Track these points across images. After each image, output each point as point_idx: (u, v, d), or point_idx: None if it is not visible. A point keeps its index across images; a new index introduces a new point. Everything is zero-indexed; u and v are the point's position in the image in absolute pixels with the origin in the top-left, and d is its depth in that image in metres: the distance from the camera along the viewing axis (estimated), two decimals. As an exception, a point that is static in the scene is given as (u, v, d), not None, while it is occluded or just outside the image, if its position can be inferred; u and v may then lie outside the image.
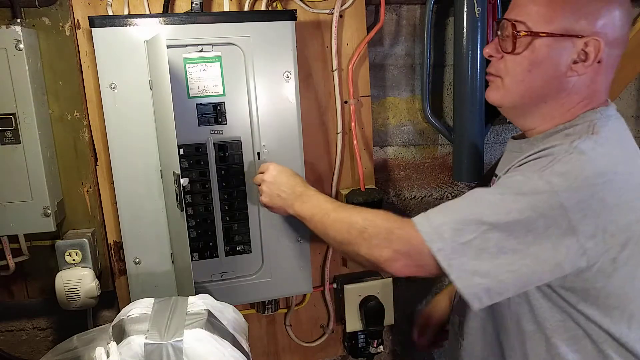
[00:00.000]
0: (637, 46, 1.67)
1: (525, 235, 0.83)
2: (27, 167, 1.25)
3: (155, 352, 0.90)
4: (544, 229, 0.82)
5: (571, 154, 0.86)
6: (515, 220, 0.83)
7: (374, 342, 1.59)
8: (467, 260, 0.84)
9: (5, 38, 1.19)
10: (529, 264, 0.84)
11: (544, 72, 0.94)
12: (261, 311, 1.49)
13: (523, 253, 0.83)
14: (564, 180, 0.83)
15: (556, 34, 0.91)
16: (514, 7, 0.96)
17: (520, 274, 0.84)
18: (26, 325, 1.54)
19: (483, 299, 0.85)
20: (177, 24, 1.21)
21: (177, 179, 1.10)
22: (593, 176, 0.83)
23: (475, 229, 0.84)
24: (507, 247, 0.83)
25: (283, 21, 1.27)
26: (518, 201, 0.84)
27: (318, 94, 1.47)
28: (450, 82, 1.65)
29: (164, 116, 1.14)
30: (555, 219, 0.82)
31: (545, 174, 0.84)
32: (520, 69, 0.95)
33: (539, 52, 0.93)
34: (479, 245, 0.84)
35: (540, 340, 0.96)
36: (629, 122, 1.79)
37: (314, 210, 1.07)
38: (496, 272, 0.84)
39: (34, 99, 1.23)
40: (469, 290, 0.85)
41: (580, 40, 0.90)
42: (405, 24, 1.59)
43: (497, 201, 0.86)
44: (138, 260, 1.29)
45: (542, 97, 0.96)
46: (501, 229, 0.83)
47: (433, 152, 1.69)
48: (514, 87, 0.97)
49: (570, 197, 0.82)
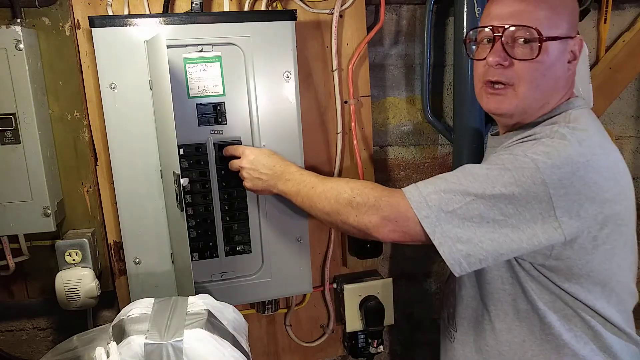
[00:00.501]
0: (637, 46, 1.67)
1: (507, 207, 0.88)
2: (27, 167, 1.25)
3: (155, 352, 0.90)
4: (526, 202, 0.88)
5: (553, 138, 0.92)
6: (500, 193, 0.88)
7: (374, 342, 1.59)
8: (451, 227, 0.90)
9: (5, 38, 1.19)
10: (508, 234, 0.89)
11: (554, 75, 0.98)
12: (261, 311, 1.49)
13: (504, 223, 0.89)
14: (547, 158, 0.88)
15: (562, 37, 0.96)
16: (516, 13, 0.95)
17: (499, 242, 0.89)
18: (26, 325, 1.55)
19: (463, 264, 0.90)
20: (177, 24, 1.21)
21: (177, 179, 1.10)
22: (575, 155, 0.89)
23: (462, 199, 0.90)
24: (489, 217, 0.89)
25: (283, 21, 1.27)
26: (503, 175, 0.89)
27: (318, 94, 1.47)
28: (450, 82, 1.65)
29: (164, 116, 1.14)
30: (537, 194, 0.88)
31: (529, 152, 0.90)
32: (537, 74, 0.96)
33: (551, 56, 0.96)
34: (463, 215, 0.89)
35: (535, 320, 1.01)
36: (629, 122, 1.80)
37: (299, 186, 1.10)
38: (477, 239, 0.89)
39: (34, 99, 1.23)
40: (451, 256, 0.90)
41: (573, 41, 0.97)
42: (405, 24, 1.59)
43: (483, 174, 0.91)
44: (138, 260, 1.29)
45: (549, 98, 1.00)
46: (485, 200, 0.89)
47: (433, 152, 1.69)
48: (530, 93, 0.98)
49: (552, 174, 0.87)
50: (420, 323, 1.81)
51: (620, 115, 1.79)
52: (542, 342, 1.01)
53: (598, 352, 0.99)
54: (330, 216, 1.03)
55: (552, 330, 0.99)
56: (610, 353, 0.99)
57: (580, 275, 0.95)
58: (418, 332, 1.81)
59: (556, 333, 0.99)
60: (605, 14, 1.65)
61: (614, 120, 1.79)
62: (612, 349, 0.99)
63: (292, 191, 1.11)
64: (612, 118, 1.79)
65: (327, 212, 1.04)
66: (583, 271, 0.94)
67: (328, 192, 1.04)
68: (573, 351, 0.99)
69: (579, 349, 0.99)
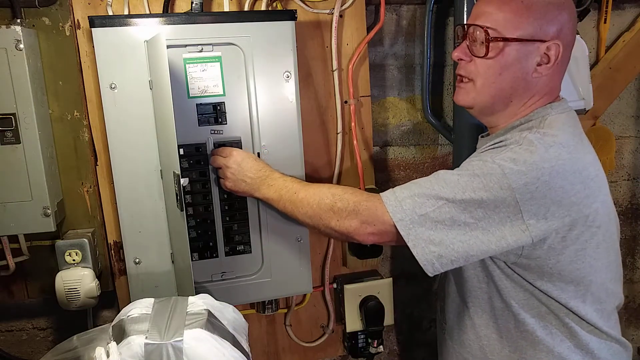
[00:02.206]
0: (637, 46, 1.67)
1: (476, 210, 0.93)
2: (27, 167, 1.25)
3: (155, 352, 0.90)
4: (494, 206, 0.93)
5: (521, 145, 0.96)
6: (470, 197, 0.93)
7: (374, 342, 1.59)
8: (424, 230, 0.94)
9: (5, 38, 1.19)
10: (478, 236, 0.94)
11: (513, 75, 1.01)
12: (261, 311, 1.49)
13: (474, 226, 0.93)
14: (513, 164, 0.93)
15: (523, 39, 0.99)
16: (480, 14, 1.02)
17: (469, 244, 0.94)
18: (26, 325, 1.55)
19: (435, 265, 0.95)
20: (177, 24, 1.21)
21: (177, 179, 1.10)
22: (540, 161, 0.93)
23: (434, 203, 0.95)
24: (460, 220, 0.93)
25: (283, 21, 1.27)
26: (473, 181, 0.94)
27: (318, 94, 1.47)
28: (450, 82, 1.65)
29: (164, 116, 1.14)
30: (504, 199, 0.92)
31: (497, 158, 0.95)
32: (492, 72, 1.02)
33: (508, 56, 1.00)
34: (435, 218, 0.94)
35: (510, 317, 1.05)
36: (629, 122, 1.80)
37: (281, 192, 1.13)
38: (449, 241, 0.94)
39: (34, 99, 1.23)
40: (423, 257, 0.95)
41: (544, 45, 0.99)
42: (405, 24, 1.59)
43: (455, 180, 0.96)
44: (138, 260, 1.29)
45: (510, 97, 1.04)
46: (456, 204, 0.93)
47: (433, 152, 1.69)
48: (486, 89, 1.04)
49: (518, 179, 0.92)
50: (420, 323, 1.81)
51: (620, 115, 1.79)
52: (518, 339, 1.06)
53: (574, 350, 1.03)
54: (312, 220, 1.08)
55: (526, 327, 1.04)
56: (588, 351, 1.03)
57: (551, 274, 0.99)
58: (418, 332, 1.82)
59: (530, 330, 1.04)
60: (605, 14, 1.66)
61: (614, 120, 1.79)
62: (588, 346, 1.03)
63: (274, 196, 1.15)
64: (612, 118, 1.79)
65: (309, 216, 1.08)
66: (554, 270, 0.99)
67: (310, 197, 1.08)
68: (548, 347, 1.03)
69: (554, 345, 1.03)
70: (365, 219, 1.00)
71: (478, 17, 1.02)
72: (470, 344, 1.11)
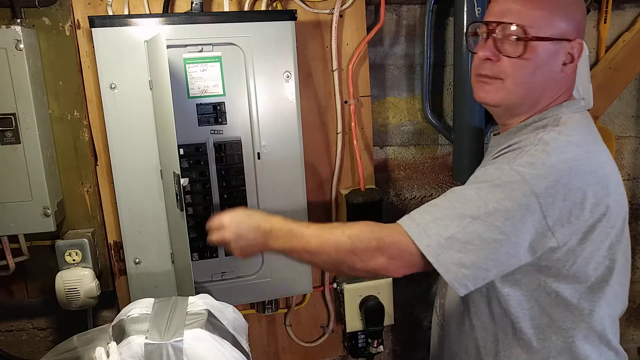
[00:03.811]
0: (637, 46, 1.67)
1: (503, 223, 0.89)
2: (27, 167, 1.25)
3: (155, 352, 0.90)
4: (521, 216, 0.89)
5: (536, 146, 0.93)
6: (494, 209, 0.89)
7: (374, 342, 1.59)
8: (453, 253, 0.90)
9: (5, 38, 1.19)
10: (509, 251, 0.91)
11: (544, 74, 0.98)
12: (261, 311, 1.49)
13: (503, 241, 0.90)
14: (532, 169, 0.90)
15: (554, 38, 0.96)
16: (507, 12, 0.98)
17: (501, 261, 0.91)
18: (26, 325, 1.55)
19: (468, 286, 0.92)
20: (177, 24, 1.21)
21: (177, 179, 1.10)
22: (557, 163, 0.90)
23: (459, 223, 0.90)
24: (489, 237, 0.90)
25: (283, 21, 1.27)
26: (494, 192, 0.90)
27: (318, 94, 1.47)
28: (450, 82, 1.65)
29: (164, 116, 1.14)
30: (529, 206, 0.89)
31: (514, 165, 0.91)
32: (524, 72, 0.98)
33: (542, 55, 0.96)
34: (463, 238, 0.90)
35: (507, 324, 1.03)
36: (629, 122, 1.80)
37: (292, 243, 1.04)
38: (480, 262, 0.90)
39: (34, 99, 1.23)
40: (456, 281, 0.91)
41: (569, 44, 0.97)
42: (405, 24, 1.59)
43: (474, 194, 0.92)
44: (138, 260, 1.29)
45: (539, 97, 1.01)
46: (482, 220, 0.89)
47: (433, 152, 1.69)
48: (517, 89, 1.00)
49: (539, 183, 0.89)
50: (420, 323, 1.81)
51: (620, 115, 1.79)
52: (514, 346, 1.03)
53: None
54: (334, 266, 1.01)
55: (522, 336, 1.02)
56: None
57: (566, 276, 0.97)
58: (418, 332, 1.81)
59: (527, 339, 1.02)
60: (605, 14, 1.65)
61: (614, 120, 1.79)
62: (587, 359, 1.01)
63: (286, 248, 1.05)
64: (612, 118, 1.79)
65: (330, 264, 1.01)
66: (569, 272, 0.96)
67: (325, 244, 0.99)
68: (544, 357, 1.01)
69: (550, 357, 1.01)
70: (391, 253, 0.94)
71: (505, 14, 0.97)
72: (467, 344, 1.11)
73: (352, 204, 1.45)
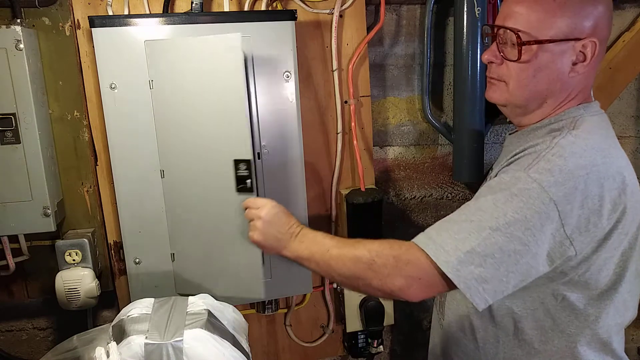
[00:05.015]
0: (637, 46, 1.67)
1: (524, 233, 0.86)
2: (27, 167, 1.25)
3: (155, 352, 0.90)
4: (540, 225, 0.86)
5: (553, 149, 0.91)
6: (514, 219, 0.86)
7: (374, 342, 1.59)
8: (474, 268, 0.87)
9: (5, 38, 1.19)
10: (529, 262, 0.88)
11: (548, 76, 0.97)
12: (261, 311, 1.49)
13: (524, 252, 0.87)
14: (549, 175, 0.87)
15: (557, 40, 0.94)
16: (510, 15, 0.97)
17: (521, 271, 0.88)
18: (26, 325, 1.55)
19: (488, 300, 0.89)
20: (177, 24, 1.21)
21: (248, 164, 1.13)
22: (575, 169, 0.88)
23: (477, 235, 0.87)
24: (509, 249, 0.87)
25: (283, 21, 1.27)
26: (512, 201, 0.87)
27: (318, 94, 1.47)
28: (450, 82, 1.65)
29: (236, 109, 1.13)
30: (548, 214, 0.86)
31: (531, 171, 0.89)
32: (525, 75, 0.97)
33: (542, 58, 0.95)
34: (483, 252, 0.87)
35: (510, 324, 1.01)
36: (629, 122, 1.80)
37: (313, 248, 1.03)
38: (501, 276, 0.87)
39: (34, 99, 1.23)
40: (477, 296, 0.88)
41: (579, 43, 0.94)
42: (405, 24, 1.59)
43: (491, 205, 0.89)
44: (138, 260, 1.29)
45: (545, 98, 1.00)
46: (501, 231, 0.86)
47: (433, 152, 1.69)
48: (519, 91, 0.99)
49: (557, 190, 0.86)
50: (420, 323, 1.81)
51: (620, 115, 1.79)
52: (514, 347, 1.02)
53: None
54: (350, 280, 0.99)
55: (524, 336, 1.01)
56: None
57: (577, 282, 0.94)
58: (418, 332, 1.81)
59: (528, 340, 1.00)
60: (605, 14, 1.65)
61: (614, 120, 1.79)
62: None
63: (305, 253, 1.05)
64: (612, 118, 1.79)
65: (346, 276, 0.99)
66: (581, 278, 0.94)
67: (345, 255, 0.98)
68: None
69: None
70: (409, 273, 0.91)
71: (508, 17, 0.96)
72: (466, 344, 1.10)
73: (352, 204, 1.45)
